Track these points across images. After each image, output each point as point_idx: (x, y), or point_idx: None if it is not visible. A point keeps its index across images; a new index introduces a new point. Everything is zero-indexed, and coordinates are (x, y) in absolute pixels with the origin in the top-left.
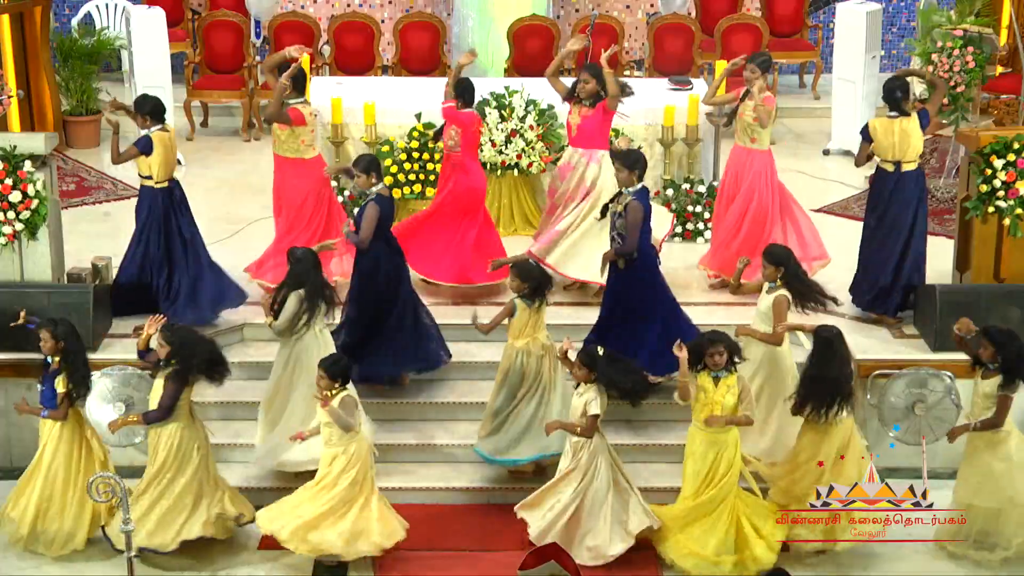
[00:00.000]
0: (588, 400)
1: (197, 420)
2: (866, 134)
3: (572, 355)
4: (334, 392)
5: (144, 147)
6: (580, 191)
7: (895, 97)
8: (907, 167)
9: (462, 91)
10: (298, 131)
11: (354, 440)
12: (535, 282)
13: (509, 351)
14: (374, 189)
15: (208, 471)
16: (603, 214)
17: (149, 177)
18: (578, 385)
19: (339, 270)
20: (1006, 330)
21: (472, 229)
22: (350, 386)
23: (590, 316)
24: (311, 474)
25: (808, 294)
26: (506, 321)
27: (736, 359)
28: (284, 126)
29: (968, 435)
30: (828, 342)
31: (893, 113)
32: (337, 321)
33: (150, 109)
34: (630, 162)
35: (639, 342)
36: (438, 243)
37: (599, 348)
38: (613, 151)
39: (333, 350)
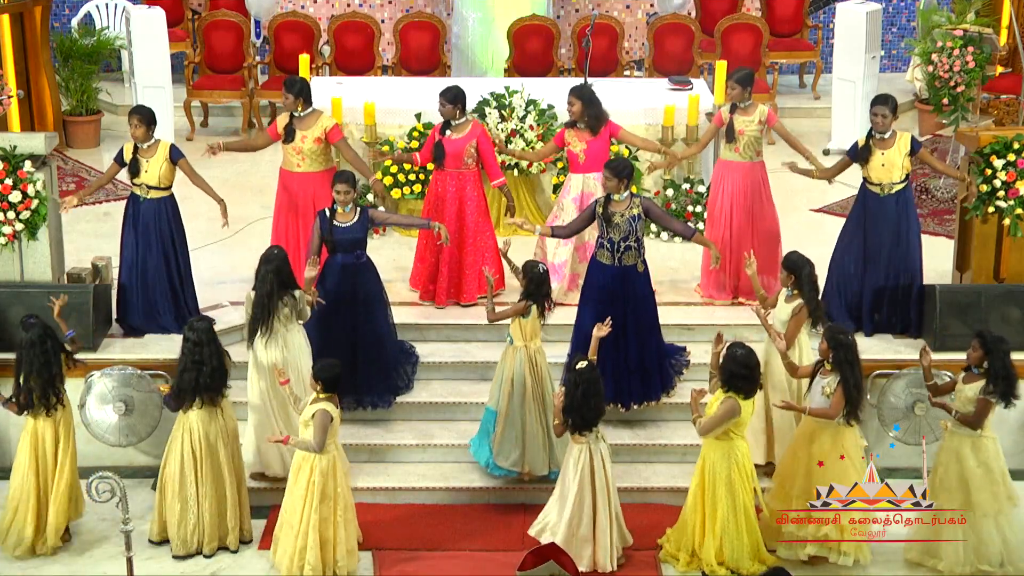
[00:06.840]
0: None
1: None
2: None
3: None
4: (318, 395)
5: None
6: None
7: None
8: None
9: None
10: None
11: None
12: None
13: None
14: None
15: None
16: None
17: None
18: None
19: None
20: (998, 336)
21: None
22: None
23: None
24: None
25: (811, 309)
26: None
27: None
28: (319, 141)
29: (946, 437)
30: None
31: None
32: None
33: None
34: (619, 170)
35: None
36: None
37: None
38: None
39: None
